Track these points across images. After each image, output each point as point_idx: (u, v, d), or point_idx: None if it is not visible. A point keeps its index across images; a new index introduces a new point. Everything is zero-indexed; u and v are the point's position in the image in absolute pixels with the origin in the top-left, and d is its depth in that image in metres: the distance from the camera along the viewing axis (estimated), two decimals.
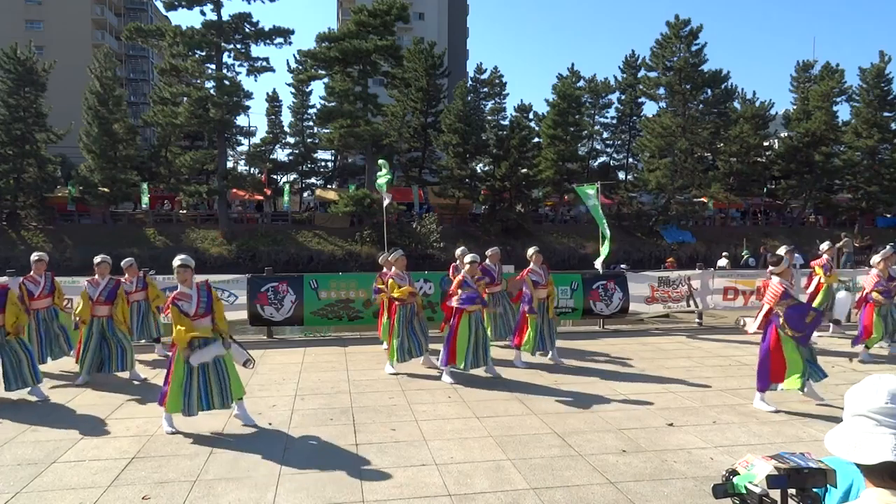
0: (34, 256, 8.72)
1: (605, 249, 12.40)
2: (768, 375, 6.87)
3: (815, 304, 10.15)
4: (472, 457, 5.45)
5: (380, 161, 12.74)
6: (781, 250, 10.58)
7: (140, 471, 5.17)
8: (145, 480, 4.98)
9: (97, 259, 8.50)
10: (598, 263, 12.43)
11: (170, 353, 6.31)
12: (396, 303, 8.46)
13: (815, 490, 1.68)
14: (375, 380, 8.20)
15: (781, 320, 6.81)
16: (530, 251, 9.26)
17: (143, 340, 10.00)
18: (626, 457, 5.46)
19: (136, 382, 8.16)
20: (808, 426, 6.34)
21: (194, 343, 6.00)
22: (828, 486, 1.69)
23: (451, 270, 10.22)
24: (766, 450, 4.97)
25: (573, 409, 6.91)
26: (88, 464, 5.33)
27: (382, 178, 12.41)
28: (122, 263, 9.61)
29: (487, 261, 9.98)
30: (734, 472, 1.82)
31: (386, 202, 12.93)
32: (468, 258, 8.38)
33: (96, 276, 8.30)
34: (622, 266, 15.56)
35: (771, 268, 7.15)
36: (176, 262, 6.25)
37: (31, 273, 8.56)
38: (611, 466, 5.23)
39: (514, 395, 7.46)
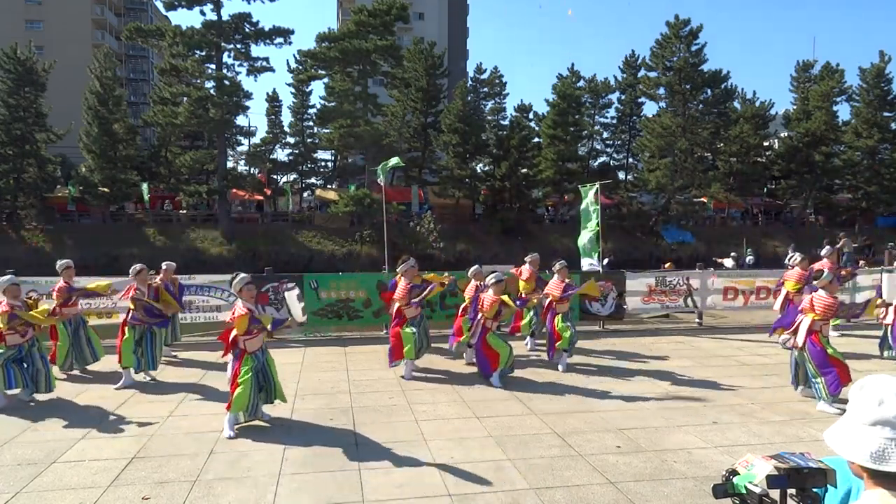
0: (63, 264, 8.64)
1: (588, 248, 12.32)
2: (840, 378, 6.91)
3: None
4: (472, 457, 5.45)
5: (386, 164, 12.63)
6: (796, 258, 10.50)
7: (140, 471, 5.17)
8: (145, 480, 4.98)
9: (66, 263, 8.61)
10: (595, 263, 12.40)
11: (231, 360, 6.36)
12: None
13: (814, 490, 1.68)
14: (375, 380, 8.20)
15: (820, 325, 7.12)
16: (557, 266, 9.33)
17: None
18: (626, 457, 5.46)
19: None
20: (808, 426, 6.34)
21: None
22: (827, 486, 1.69)
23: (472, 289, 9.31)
24: (766, 450, 4.97)
25: (573, 409, 6.91)
26: (88, 464, 5.33)
27: (382, 169, 12.30)
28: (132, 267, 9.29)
29: (528, 266, 10.26)
30: (734, 472, 1.82)
31: (382, 181, 12.72)
32: (492, 278, 8.12)
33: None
34: (605, 261, 15.59)
35: (815, 282, 7.42)
36: (244, 281, 6.34)
37: (63, 281, 8.45)
38: (611, 466, 5.23)
39: (514, 395, 7.46)
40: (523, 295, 9.88)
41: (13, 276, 7.51)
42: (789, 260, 11.87)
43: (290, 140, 48.50)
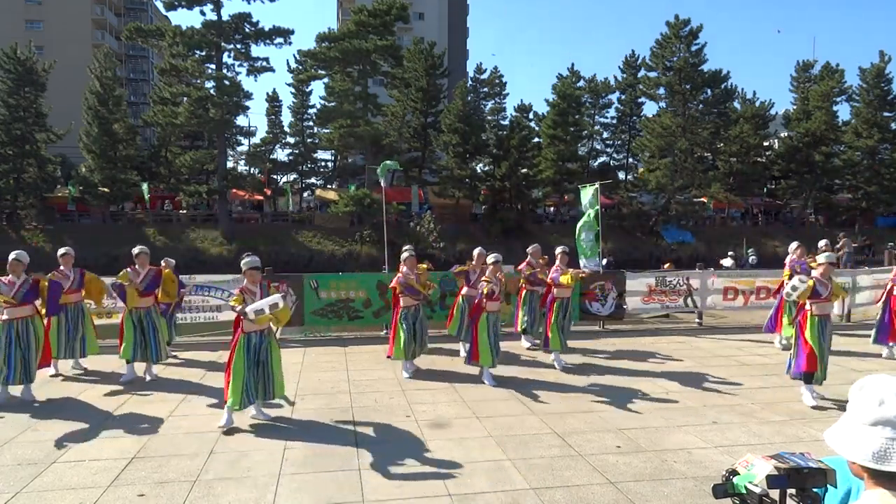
0: (61, 251, 8.59)
1: (588, 250, 12.29)
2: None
3: None
4: (472, 457, 5.45)
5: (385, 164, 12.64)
6: (792, 246, 10.59)
7: (140, 471, 5.17)
8: (145, 480, 4.98)
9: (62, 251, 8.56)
10: (594, 264, 12.37)
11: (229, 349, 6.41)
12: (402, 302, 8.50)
13: (814, 490, 1.68)
14: (375, 380, 8.20)
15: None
16: (558, 250, 9.38)
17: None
18: (626, 457, 5.46)
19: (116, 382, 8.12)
20: (808, 426, 6.34)
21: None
22: (827, 485, 1.69)
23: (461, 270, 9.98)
24: (766, 450, 4.97)
25: (573, 409, 6.91)
26: (88, 464, 5.33)
27: (381, 171, 12.32)
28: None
29: (530, 258, 10.31)
30: (734, 472, 1.82)
31: (383, 182, 12.82)
32: (491, 258, 8.32)
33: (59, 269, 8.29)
34: (604, 261, 15.58)
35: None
36: (249, 264, 6.47)
37: (60, 267, 8.39)
38: (611, 466, 5.23)
39: (514, 395, 7.46)
40: (524, 285, 10.14)
41: (22, 252, 7.52)
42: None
43: (290, 140, 48.56)
